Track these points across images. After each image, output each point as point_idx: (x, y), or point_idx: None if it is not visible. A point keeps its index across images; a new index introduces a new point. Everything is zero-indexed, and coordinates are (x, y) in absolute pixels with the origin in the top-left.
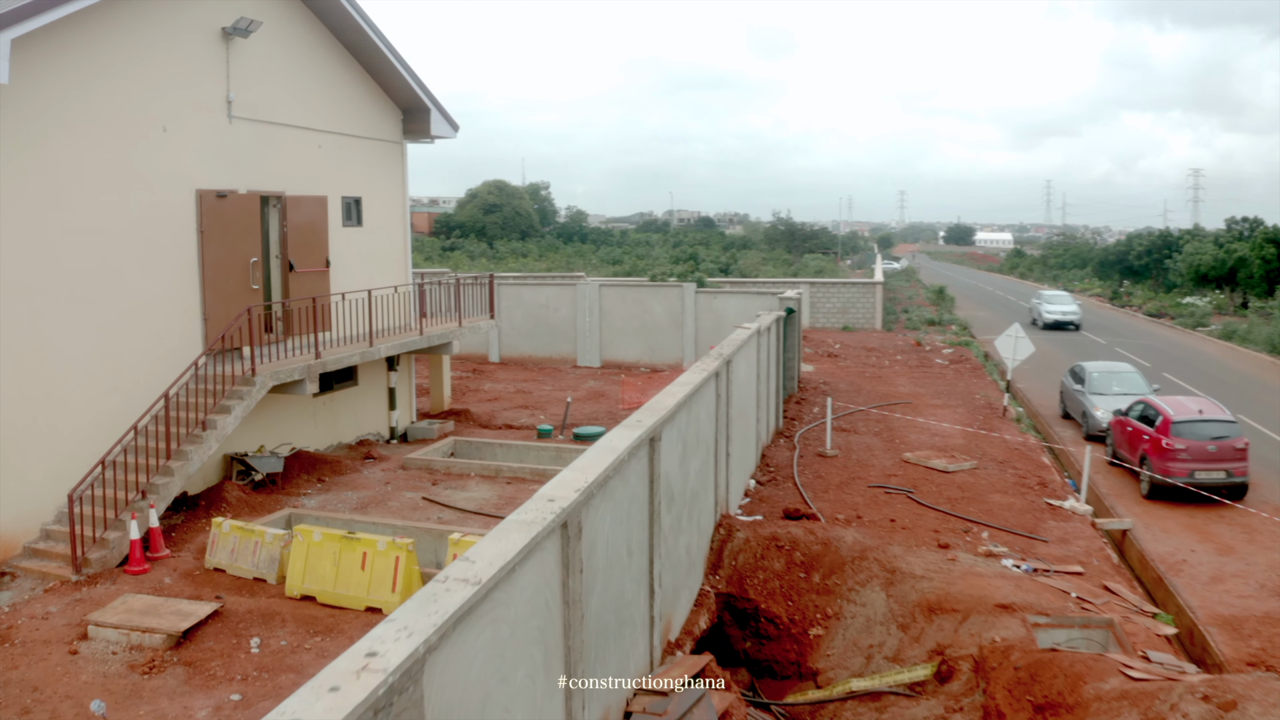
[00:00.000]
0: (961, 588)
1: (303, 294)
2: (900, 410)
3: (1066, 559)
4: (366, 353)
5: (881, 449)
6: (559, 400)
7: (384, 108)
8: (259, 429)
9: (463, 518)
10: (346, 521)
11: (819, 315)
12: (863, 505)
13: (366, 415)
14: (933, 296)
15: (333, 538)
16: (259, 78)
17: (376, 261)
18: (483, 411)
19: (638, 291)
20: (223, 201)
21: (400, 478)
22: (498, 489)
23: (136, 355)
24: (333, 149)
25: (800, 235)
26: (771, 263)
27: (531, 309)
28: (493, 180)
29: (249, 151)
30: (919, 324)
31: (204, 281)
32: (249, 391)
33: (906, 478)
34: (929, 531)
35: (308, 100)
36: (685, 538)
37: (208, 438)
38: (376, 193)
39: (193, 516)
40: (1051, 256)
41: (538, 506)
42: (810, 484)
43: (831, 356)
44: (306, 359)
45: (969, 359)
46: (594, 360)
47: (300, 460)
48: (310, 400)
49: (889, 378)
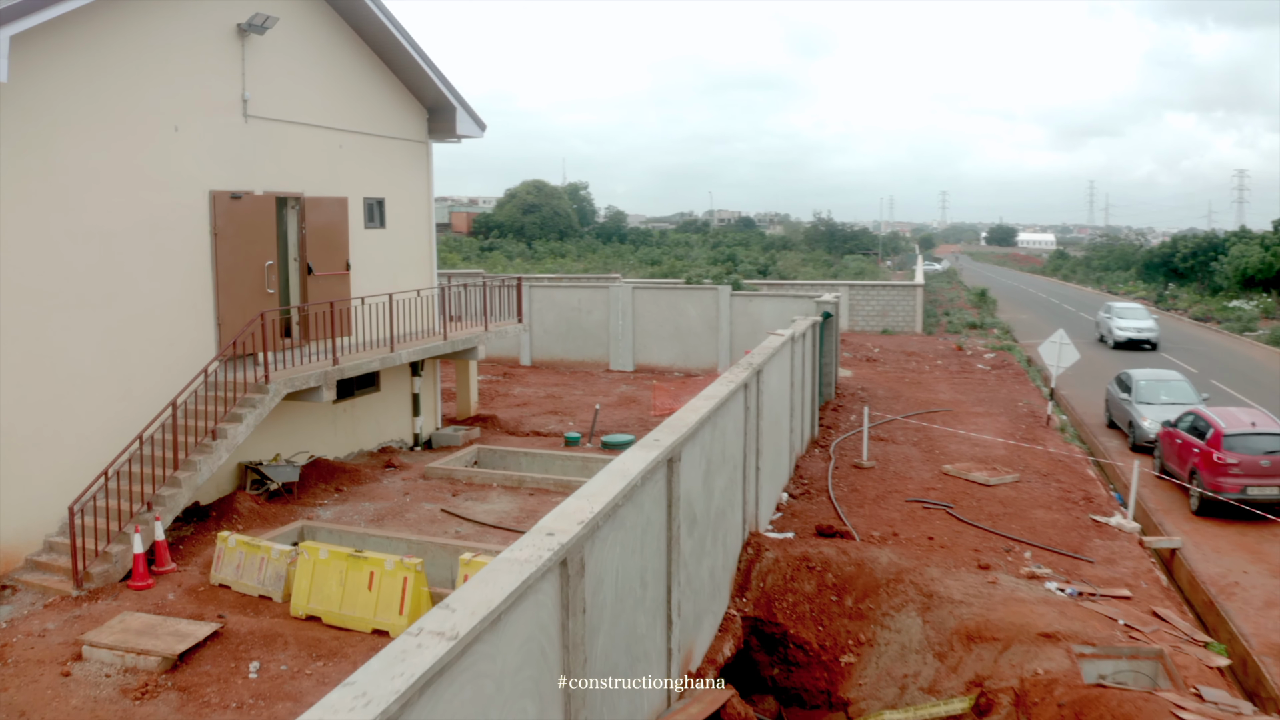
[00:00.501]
0: (1002, 614)
1: (322, 298)
2: (940, 419)
3: (1113, 581)
4: (387, 359)
5: (920, 460)
6: (589, 406)
7: (408, 107)
8: (276, 436)
9: (481, 531)
10: (360, 535)
11: (858, 318)
12: (899, 521)
13: (389, 422)
14: (974, 299)
15: (339, 556)
16: (276, 76)
17: (400, 264)
18: (510, 417)
19: (671, 294)
20: (237, 203)
21: (420, 488)
22: (519, 500)
23: (146, 362)
24: (354, 149)
25: (841, 236)
26: (811, 264)
27: (564, 311)
28: (531, 180)
29: (265, 151)
30: (960, 327)
31: (218, 285)
32: (262, 399)
33: (946, 491)
34: (969, 550)
35: (327, 99)
36: (709, 560)
37: (218, 447)
38: (400, 193)
39: (203, 528)
40: (1095, 258)
41: (534, 542)
42: (845, 498)
43: (870, 361)
44: (323, 365)
45: (1011, 364)
46: (627, 364)
47: (318, 468)
48: (330, 407)
49: (929, 383)
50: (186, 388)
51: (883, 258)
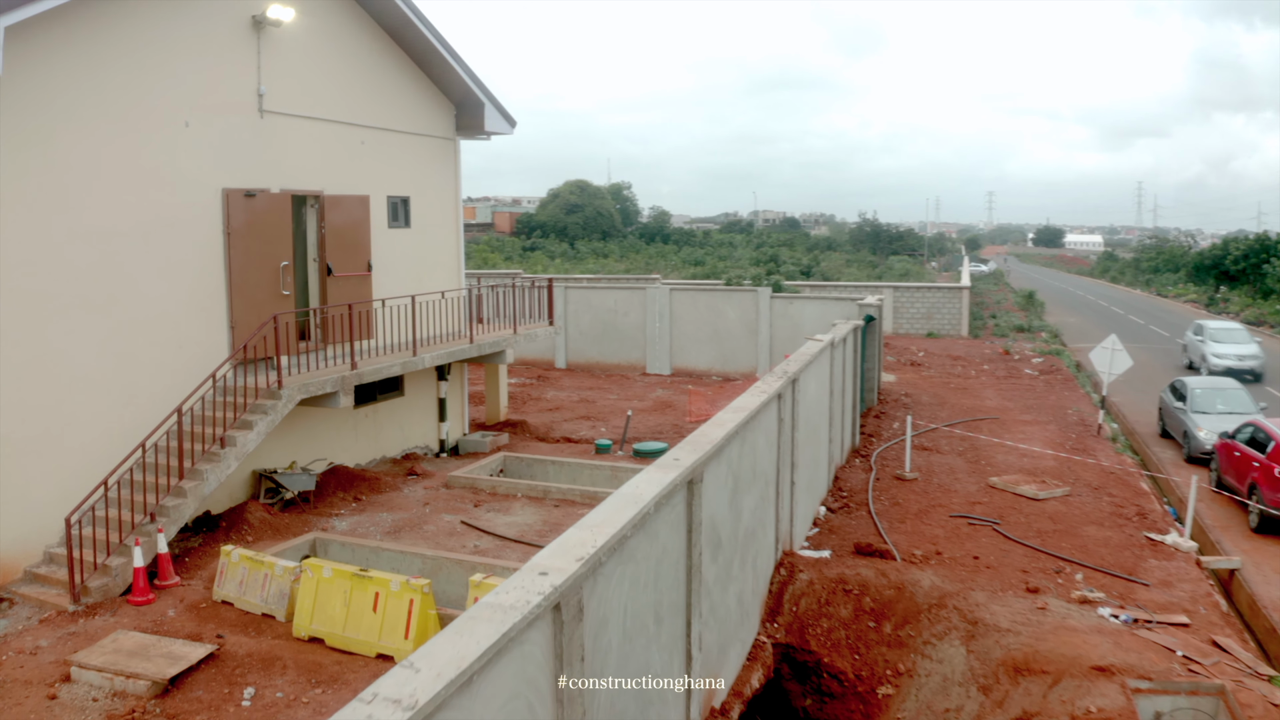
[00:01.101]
0: (1052, 644)
1: (342, 299)
2: (986, 427)
3: (1170, 606)
4: (409, 363)
5: (965, 471)
6: (623, 411)
7: (435, 102)
8: (293, 443)
9: (501, 546)
10: (373, 550)
11: (902, 321)
12: (943, 539)
13: (413, 427)
14: (1021, 301)
15: (343, 575)
16: (294, 70)
17: (426, 265)
18: (541, 422)
19: (710, 296)
20: (252, 201)
21: (441, 497)
22: (544, 512)
23: (153, 366)
24: (377, 145)
25: (886, 237)
26: (855, 264)
27: (600, 313)
28: (574, 180)
29: (282, 148)
30: (1007, 330)
31: (231, 287)
32: (274, 406)
33: (992, 506)
34: (1016, 571)
35: (349, 94)
36: (737, 586)
37: (226, 456)
38: (426, 192)
39: (212, 539)
40: (1144, 260)
41: (524, 583)
42: (886, 512)
43: (914, 365)
44: (341, 370)
45: (1060, 369)
46: (664, 368)
47: (337, 476)
48: (350, 412)
49: (975, 389)
50: (194, 394)
51: (928, 259)
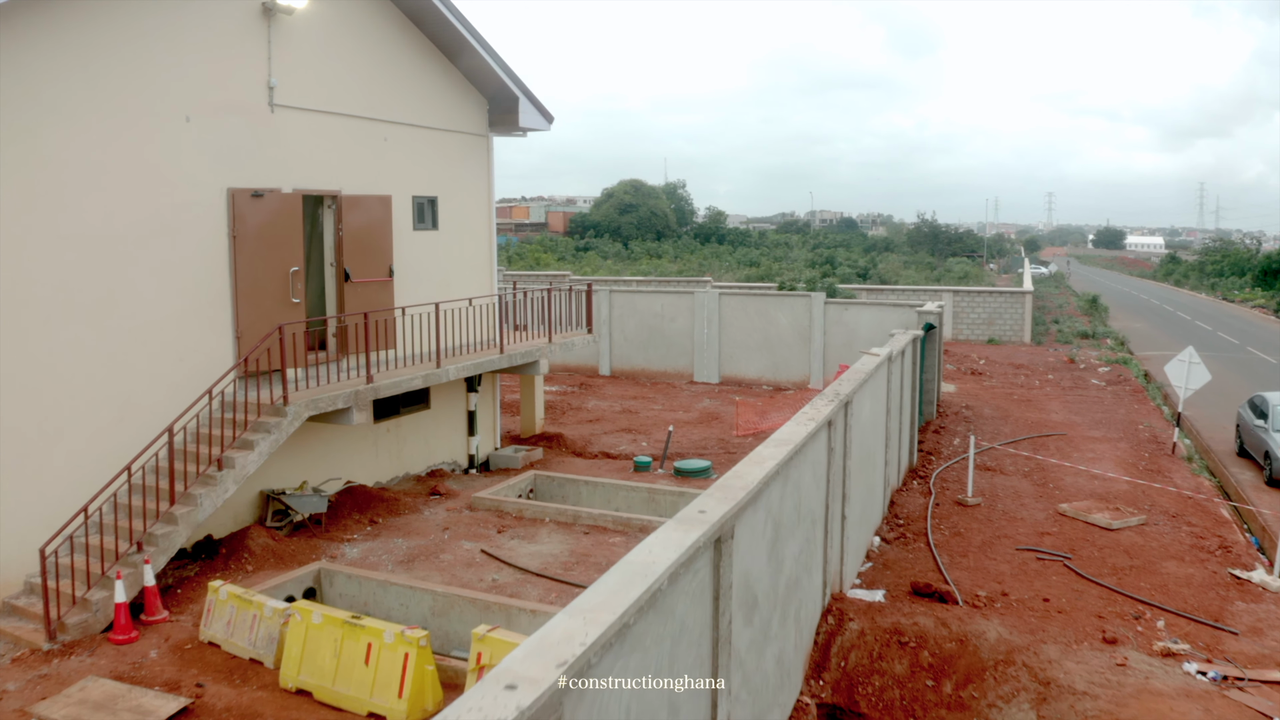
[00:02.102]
0: (1135, 711)
1: (361, 307)
2: (1053, 444)
3: (1262, 659)
4: (431, 375)
5: (1032, 496)
6: (668, 423)
7: (465, 96)
8: (305, 460)
9: (521, 581)
10: (381, 583)
11: (962, 326)
12: (1009, 576)
13: (440, 442)
14: (1085, 306)
15: (334, 622)
16: (308, 61)
17: (454, 269)
18: (579, 435)
19: (761, 301)
20: (259, 202)
21: (463, 521)
22: (572, 540)
23: (150, 379)
24: (401, 142)
25: (945, 238)
26: (913, 266)
27: (645, 318)
28: (629, 179)
29: (295, 145)
30: (1071, 337)
31: (236, 294)
32: (278, 424)
33: (1062, 537)
34: (1090, 616)
35: (369, 87)
36: (776, 645)
37: (223, 479)
38: (456, 192)
39: (209, 568)
40: (1208, 263)
41: (484, 701)
42: (946, 544)
43: (975, 374)
44: (355, 383)
45: (1128, 379)
46: (712, 376)
47: (353, 496)
48: (370, 427)
49: (1039, 401)
50: (187, 411)
51: (987, 260)
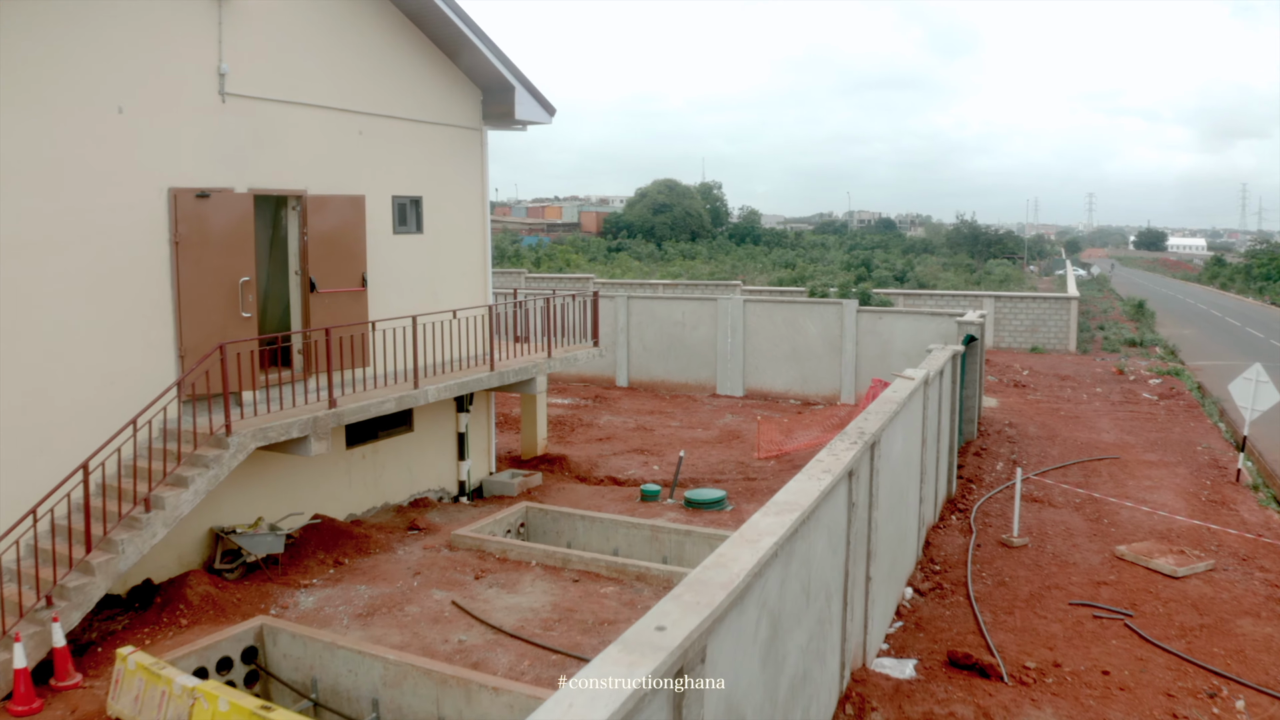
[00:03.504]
0: None
1: (329, 320)
2: (1105, 470)
3: None
4: (407, 398)
5: (1084, 534)
6: (684, 442)
7: (455, 86)
8: (264, 491)
9: (491, 643)
10: (328, 645)
11: (1004, 333)
12: (1062, 639)
13: (425, 468)
14: (1130, 311)
15: (241, 712)
16: (267, 44)
17: (442, 277)
18: (586, 457)
19: (788, 309)
20: (206, 203)
21: (439, 564)
22: (558, 590)
23: (73, 407)
24: (380, 136)
25: (985, 239)
26: (952, 269)
27: (665, 327)
28: (663, 179)
29: (250, 139)
30: (1118, 345)
31: (180, 307)
32: (219, 457)
33: (1121, 586)
34: (1158, 695)
35: (341, 74)
36: None
37: (151, 521)
38: (444, 191)
39: (141, 621)
40: (1255, 266)
41: None
42: (989, 596)
43: (1018, 386)
44: (316, 408)
45: (1181, 393)
46: (736, 388)
47: (320, 532)
48: (343, 453)
49: (1088, 418)
50: (109, 443)
51: (1027, 262)
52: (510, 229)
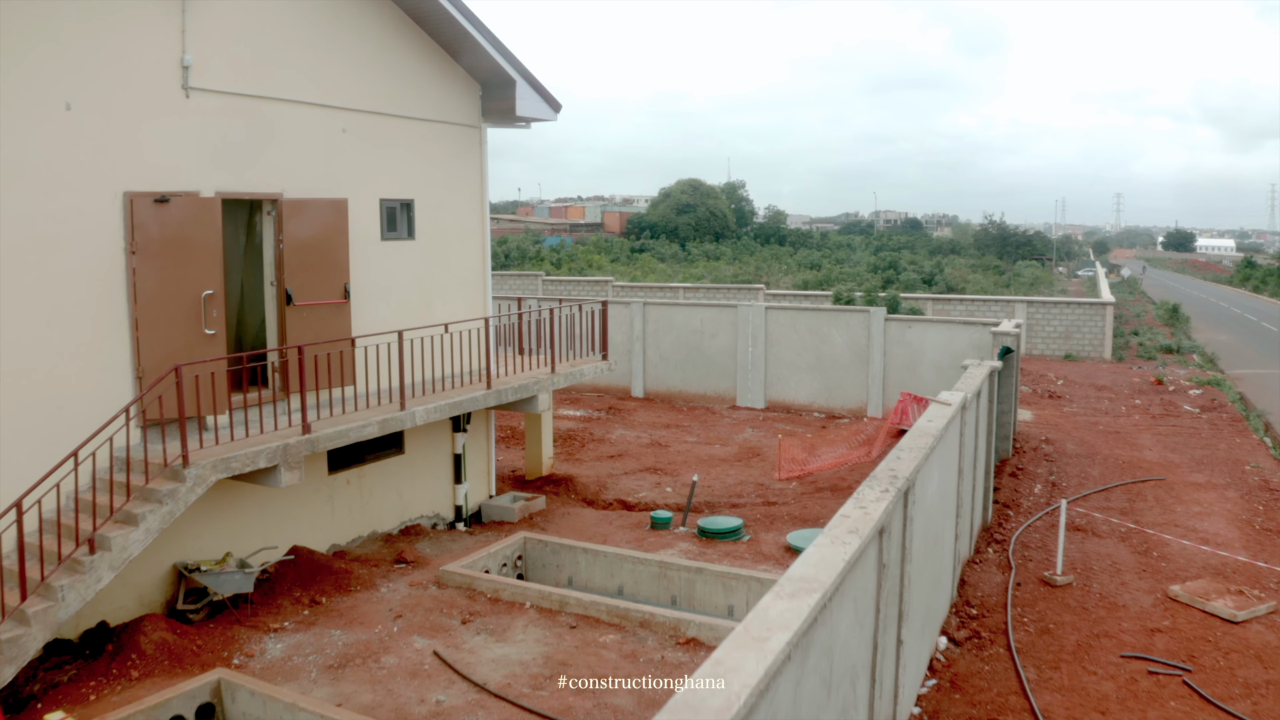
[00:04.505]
0: None
1: (307, 335)
2: (1150, 492)
3: None
4: (392, 421)
5: (1133, 569)
6: (701, 460)
7: (451, 80)
8: (235, 522)
9: (474, 703)
10: (289, 706)
11: (1036, 340)
12: (1114, 701)
13: (418, 492)
14: (1164, 315)
15: None
16: (237, 33)
17: (437, 286)
18: (594, 477)
19: (813, 317)
20: (166, 209)
21: (424, 604)
22: (553, 638)
23: (14, 435)
24: (366, 134)
25: (1013, 241)
26: (980, 270)
27: (683, 334)
28: (687, 179)
29: (218, 138)
30: (1154, 352)
31: (137, 324)
32: (175, 491)
33: (1176, 634)
34: None
35: (323, 66)
36: None
37: (95, 564)
38: (438, 193)
39: (90, 671)
40: None
41: None
42: (1032, 647)
43: (1053, 397)
44: (288, 434)
45: (1223, 405)
46: (757, 400)
47: (297, 567)
48: (324, 479)
49: (1128, 433)
50: (47, 477)
51: (1056, 264)
52: (532, 229)
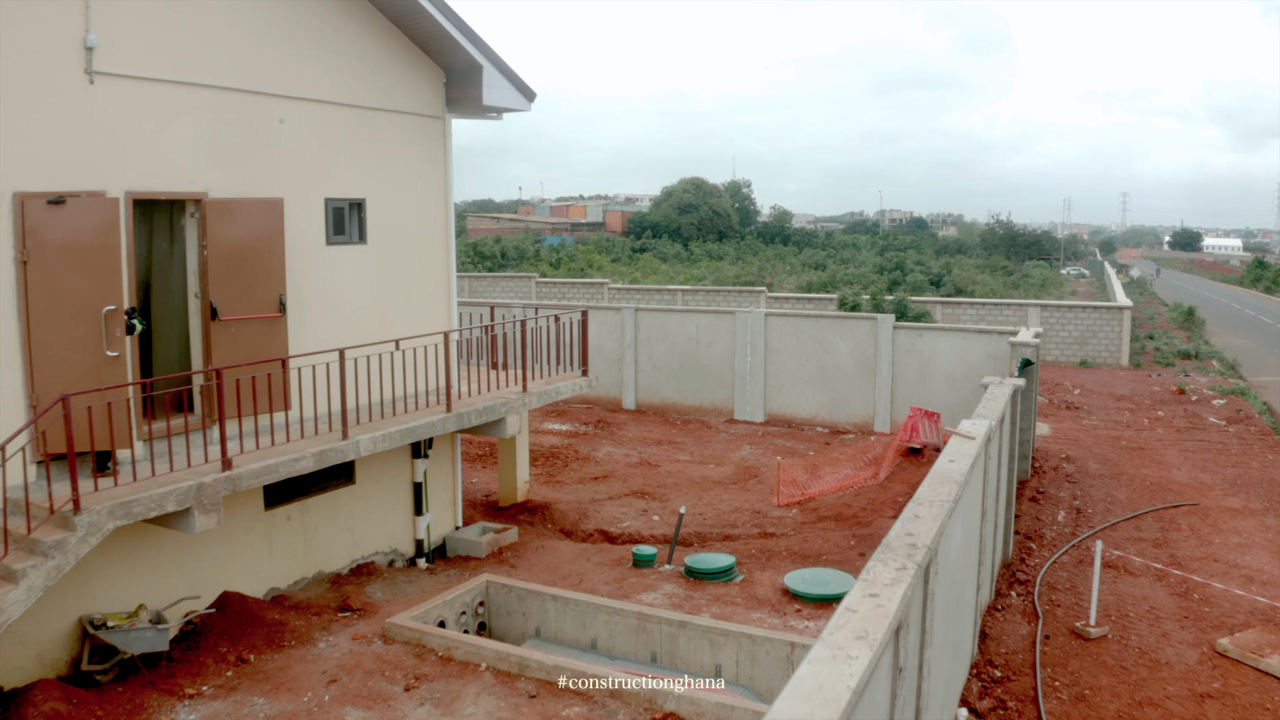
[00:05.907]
0: None
1: (235, 354)
2: (1183, 519)
3: None
4: (330, 452)
5: (1173, 615)
6: (693, 481)
7: (409, 66)
8: (156, 566)
9: None
10: None
11: (1050, 346)
12: None
13: (371, 526)
14: (1179, 318)
15: None
16: (154, 10)
17: (392, 297)
18: (575, 503)
19: (815, 324)
20: (62, 211)
21: (364, 664)
22: (508, 710)
23: None
24: (309, 125)
25: (1020, 240)
26: (988, 271)
27: (678, 342)
28: (689, 178)
29: (129, 129)
30: (1172, 358)
31: (29, 345)
32: (64, 542)
33: (1229, 699)
34: None
35: (257, 48)
36: None
37: None
38: (394, 192)
39: None
40: None
41: None
42: (1065, 716)
43: (1070, 408)
44: (204, 471)
45: (1250, 416)
46: (756, 413)
47: (226, 617)
48: (260, 515)
49: (1153, 449)
50: None
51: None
52: (533, 229)
